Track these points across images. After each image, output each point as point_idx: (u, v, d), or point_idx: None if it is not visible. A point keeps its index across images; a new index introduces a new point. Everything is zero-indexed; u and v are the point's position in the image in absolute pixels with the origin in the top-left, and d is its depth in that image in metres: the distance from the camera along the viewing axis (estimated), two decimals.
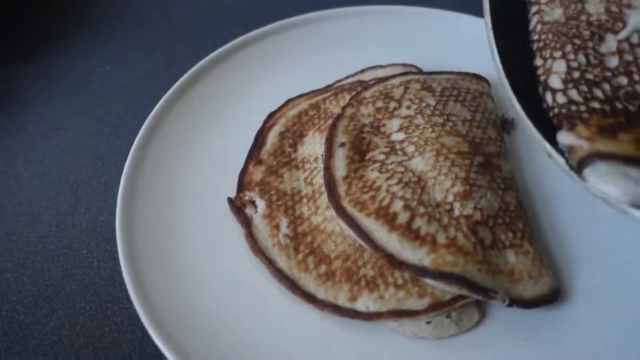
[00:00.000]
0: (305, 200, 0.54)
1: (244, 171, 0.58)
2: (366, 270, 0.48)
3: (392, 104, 0.57)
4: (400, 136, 0.54)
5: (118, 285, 0.53)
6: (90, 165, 0.63)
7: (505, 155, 0.56)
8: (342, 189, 0.51)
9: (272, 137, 0.60)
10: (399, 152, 0.53)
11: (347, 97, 0.60)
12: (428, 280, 0.45)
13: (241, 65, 0.67)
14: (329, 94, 0.63)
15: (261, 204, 0.54)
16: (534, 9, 0.48)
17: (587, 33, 0.45)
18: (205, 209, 0.55)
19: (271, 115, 0.63)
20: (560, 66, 0.43)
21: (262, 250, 0.51)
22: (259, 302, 0.49)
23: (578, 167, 0.39)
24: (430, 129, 0.54)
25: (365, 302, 0.47)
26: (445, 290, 0.45)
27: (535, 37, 0.47)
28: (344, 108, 0.58)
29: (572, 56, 0.44)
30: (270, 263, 0.50)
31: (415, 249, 0.45)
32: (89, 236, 0.57)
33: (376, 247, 0.46)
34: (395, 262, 0.45)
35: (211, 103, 0.64)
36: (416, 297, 0.46)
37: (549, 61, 0.44)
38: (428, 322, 0.46)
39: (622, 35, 0.44)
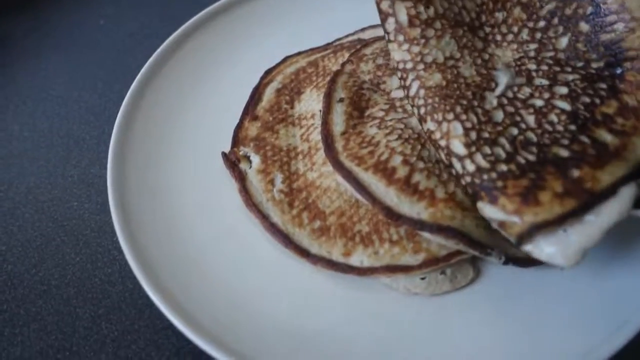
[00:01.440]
0: (301, 156, 0.53)
1: (239, 126, 0.57)
2: (361, 226, 0.47)
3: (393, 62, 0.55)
4: (401, 93, 0.53)
5: (109, 237, 0.52)
6: (82, 119, 0.62)
7: None
8: (339, 144, 0.50)
9: (268, 93, 0.59)
10: (399, 110, 0.52)
11: (347, 55, 0.59)
12: (425, 234, 0.44)
13: (239, 21, 0.65)
14: (328, 51, 0.62)
15: (256, 159, 0.53)
16: (412, 75, 0.48)
17: (469, 94, 0.46)
18: (199, 163, 0.54)
19: (268, 71, 0.61)
20: (457, 129, 0.44)
21: (256, 205, 0.50)
22: (252, 255, 0.48)
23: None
24: None
25: (360, 257, 0.46)
26: (442, 244, 0.45)
27: (421, 102, 0.46)
28: (343, 64, 0.56)
29: (464, 117, 0.44)
30: (263, 217, 0.50)
31: (414, 203, 0.45)
32: (80, 188, 0.56)
33: (374, 200, 0.45)
34: (393, 216, 0.44)
35: (207, 58, 0.62)
36: (411, 252, 0.46)
37: (444, 124, 0.44)
38: (422, 278, 0.46)
39: (498, 91, 0.46)
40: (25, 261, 0.51)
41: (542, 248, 0.39)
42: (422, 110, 0.46)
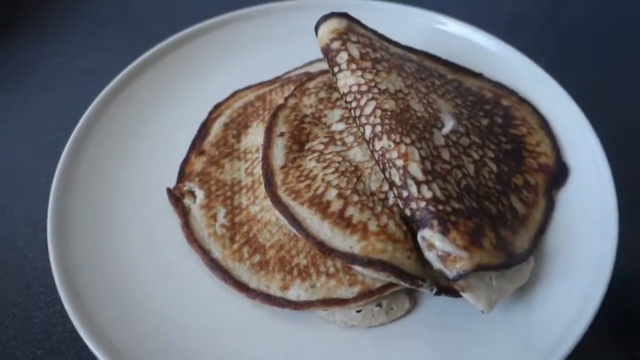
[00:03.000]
0: (244, 190, 0.54)
1: (185, 162, 0.57)
2: (299, 260, 0.48)
3: (335, 95, 0.56)
4: (341, 126, 0.54)
5: (52, 277, 0.52)
6: (32, 157, 0.62)
7: None
8: (279, 178, 0.51)
9: (216, 128, 0.60)
10: (338, 142, 0.53)
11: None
12: (357, 268, 0.45)
13: (191, 56, 0.66)
14: (275, 85, 0.63)
15: (200, 194, 0.54)
16: (368, 96, 0.49)
17: (420, 126, 0.48)
18: (144, 200, 0.55)
19: (217, 106, 0.62)
20: (414, 153, 0.45)
21: (197, 240, 0.51)
22: (192, 292, 0.49)
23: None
24: None
25: (297, 291, 0.46)
26: (375, 277, 0.45)
27: (377, 120, 0.48)
28: (286, 98, 0.57)
29: (419, 144, 0.46)
30: (204, 253, 0.50)
31: (347, 237, 0.45)
32: (27, 227, 0.56)
33: (307, 234, 0.46)
34: (325, 250, 0.45)
35: (157, 94, 0.63)
36: (347, 285, 0.46)
37: (402, 146, 0.45)
38: (358, 311, 0.46)
39: (444, 131, 0.49)
40: None
41: (474, 289, 0.42)
42: (378, 129, 0.47)
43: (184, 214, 0.53)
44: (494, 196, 0.48)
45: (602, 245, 0.46)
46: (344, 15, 0.55)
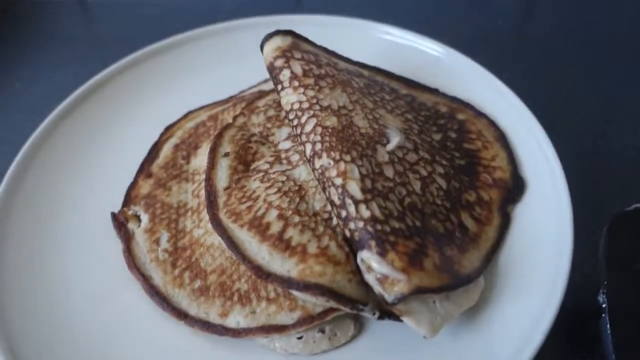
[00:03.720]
0: (190, 213, 0.52)
1: (132, 185, 0.56)
2: (240, 284, 0.46)
3: (283, 113, 0.55)
4: (287, 145, 0.52)
5: None
6: None
7: None
8: (222, 200, 0.49)
9: (166, 149, 0.58)
10: (284, 161, 0.51)
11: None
12: (295, 293, 0.43)
13: (144, 77, 0.65)
14: (229, 104, 0.62)
15: (145, 218, 0.52)
16: (308, 114, 0.48)
17: (363, 142, 0.46)
18: (88, 226, 0.53)
19: (169, 127, 0.61)
20: (354, 171, 0.43)
21: (138, 266, 0.49)
22: (130, 321, 0.47)
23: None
24: None
25: (236, 318, 0.44)
26: (313, 302, 0.43)
27: (317, 138, 0.46)
28: (235, 117, 0.56)
29: (359, 162, 0.44)
30: (145, 279, 0.48)
31: (285, 260, 0.43)
32: None
33: (244, 258, 0.44)
34: (262, 274, 0.43)
35: (108, 117, 0.62)
36: (287, 310, 0.44)
37: (342, 164, 0.44)
38: (299, 338, 0.44)
39: (389, 147, 0.47)
40: None
41: (414, 313, 0.40)
42: (318, 147, 0.46)
43: (127, 239, 0.51)
44: (442, 214, 0.46)
45: (556, 263, 0.44)
46: (288, 33, 0.54)
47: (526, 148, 0.53)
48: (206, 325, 0.45)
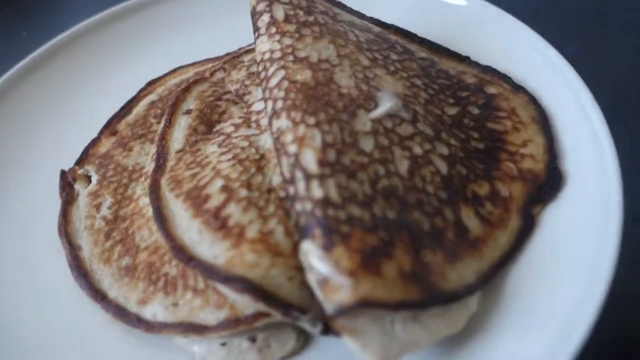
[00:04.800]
0: (143, 178, 0.44)
1: (93, 142, 0.49)
2: (169, 268, 0.37)
3: None
4: (261, 106, 0.42)
5: None
6: None
7: None
8: (170, 164, 0.40)
9: (140, 106, 0.51)
10: (253, 125, 0.42)
11: None
12: (217, 285, 0.33)
13: (137, 27, 0.58)
14: (220, 62, 0.53)
15: (94, 180, 0.45)
16: (277, 65, 0.38)
17: (340, 104, 0.36)
18: (37, 182, 0.47)
19: (151, 82, 0.54)
20: (314, 137, 0.33)
21: (69, 233, 0.42)
22: (47, 295, 0.40)
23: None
24: None
25: (155, 308, 0.36)
26: (242, 301, 0.33)
27: (281, 94, 0.36)
28: (213, 72, 0.47)
29: (326, 127, 0.34)
30: (71, 248, 0.41)
31: (215, 243, 0.34)
32: None
33: (167, 235, 0.35)
34: (183, 257, 0.34)
35: (91, 68, 0.56)
36: (213, 307, 0.34)
37: (301, 127, 0.34)
38: (222, 344, 0.34)
39: (376, 114, 0.36)
40: None
41: (360, 332, 0.29)
42: (279, 105, 0.36)
43: (68, 200, 0.44)
44: (432, 206, 0.34)
45: (586, 293, 0.31)
46: None
47: (574, 136, 0.39)
48: (121, 312, 0.36)
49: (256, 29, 0.42)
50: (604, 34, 0.56)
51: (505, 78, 0.44)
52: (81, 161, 0.47)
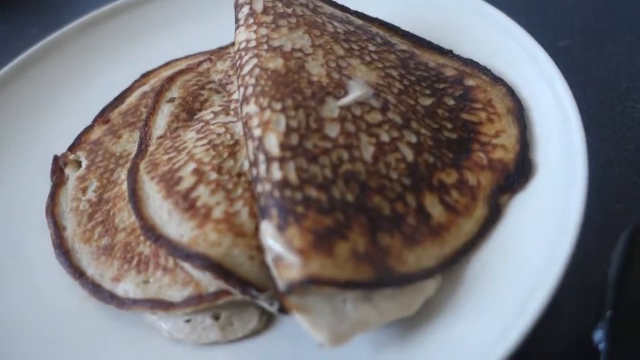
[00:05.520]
0: (129, 164, 0.45)
1: (86, 130, 0.51)
2: (143, 248, 0.38)
3: None
4: None
5: None
6: None
7: None
8: (151, 148, 0.42)
9: (133, 96, 0.53)
10: (231, 112, 0.43)
11: None
12: (180, 263, 0.34)
13: (134, 23, 0.60)
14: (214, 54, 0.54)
15: (84, 164, 0.47)
16: (251, 53, 0.39)
17: (308, 91, 0.37)
18: (29, 167, 0.49)
19: (145, 75, 0.55)
20: (279, 122, 0.34)
21: (55, 214, 0.44)
22: (27, 272, 0.42)
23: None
24: None
25: (127, 285, 0.37)
26: (205, 279, 0.34)
27: (252, 81, 0.37)
28: (200, 62, 0.49)
29: (292, 112, 0.35)
30: (56, 228, 0.42)
31: (183, 222, 0.35)
32: None
33: (139, 214, 0.36)
34: (152, 236, 0.35)
35: (89, 62, 0.58)
36: (180, 285, 0.35)
37: (267, 112, 0.35)
38: (187, 321, 0.35)
39: (344, 101, 0.37)
40: None
41: (311, 310, 0.30)
42: (250, 91, 0.37)
43: (57, 184, 0.46)
44: (394, 192, 0.35)
45: (541, 278, 0.31)
46: None
47: (547, 127, 0.40)
48: (96, 289, 0.38)
49: (236, 20, 0.43)
50: (596, 30, 0.55)
51: (485, 70, 0.45)
52: (73, 147, 0.49)
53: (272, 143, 0.33)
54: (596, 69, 0.52)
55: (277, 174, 0.32)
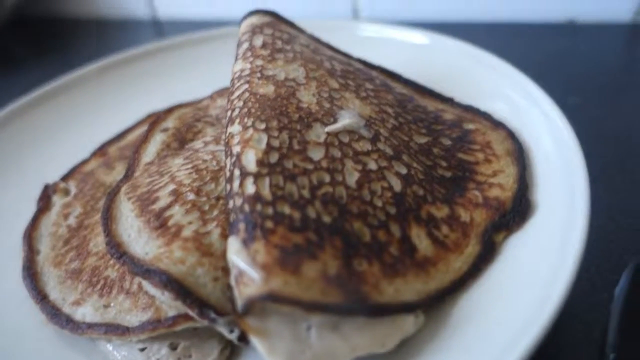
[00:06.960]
0: None
1: (83, 162, 0.50)
2: (111, 272, 0.36)
3: None
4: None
5: None
6: None
7: None
8: (137, 173, 0.41)
9: (134, 134, 0.53)
10: (222, 143, 0.42)
11: None
12: (142, 281, 0.32)
13: (147, 68, 0.62)
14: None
15: (72, 193, 0.46)
16: (243, 80, 0.39)
17: (296, 116, 0.36)
18: (24, 195, 0.48)
19: (150, 116, 0.56)
20: (261, 141, 0.33)
21: (32, 237, 0.42)
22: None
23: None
24: None
25: (86, 310, 0.34)
26: (167, 302, 0.31)
27: (239, 103, 0.37)
28: (202, 100, 0.49)
29: (275, 133, 0.34)
30: (29, 250, 0.41)
31: (150, 241, 0.33)
32: None
33: (107, 231, 0.35)
34: (116, 253, 0.33)
35: (104, 103, 0.59)
36: (139, 310, 0.33)
37: (250, 130, 0.34)
38: (142, 349, 0.32)
39: (332, 128, 0.36)
40: None
41: (270, 334, 0.27)
42: (236, 112, 0.37)
43: (41, 209, 0.45)
44: (377, 219, 0.32)
45: (529, 317, 0.27)
46: (269, 13, 0.47)
47: (548, 168, 0.37)
48: (54, 313, 0.35)
49: (236, 55, 0.44)
50: (606, 89, 0.54)
51: (486, 115, 0.43)
52: (66, 177, 0.48)
53: (250, 159, 0.32)
54: (605, 127, 0.50)
55: (250, 188, 0.31)
